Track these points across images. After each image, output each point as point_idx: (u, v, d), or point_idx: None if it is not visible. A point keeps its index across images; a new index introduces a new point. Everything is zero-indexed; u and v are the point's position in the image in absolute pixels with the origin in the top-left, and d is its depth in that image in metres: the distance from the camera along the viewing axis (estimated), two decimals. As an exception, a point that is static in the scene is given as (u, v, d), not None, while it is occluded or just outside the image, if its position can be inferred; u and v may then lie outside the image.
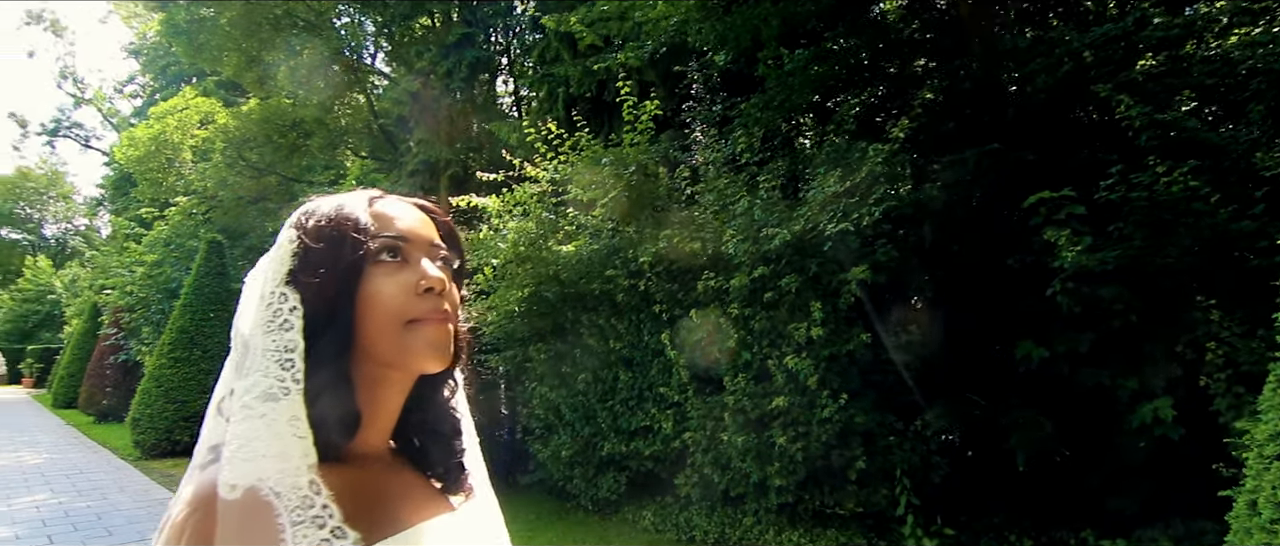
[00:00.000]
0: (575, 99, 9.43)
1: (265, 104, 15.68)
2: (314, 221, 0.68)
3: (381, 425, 0.73)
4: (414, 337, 0.68)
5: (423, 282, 0.69)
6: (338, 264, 0.66)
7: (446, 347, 0.70)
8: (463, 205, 5.63)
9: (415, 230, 0.72)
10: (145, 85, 23.45)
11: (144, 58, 22.81)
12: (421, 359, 0.69)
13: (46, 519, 6.74)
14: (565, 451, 5.83)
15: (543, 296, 5.78)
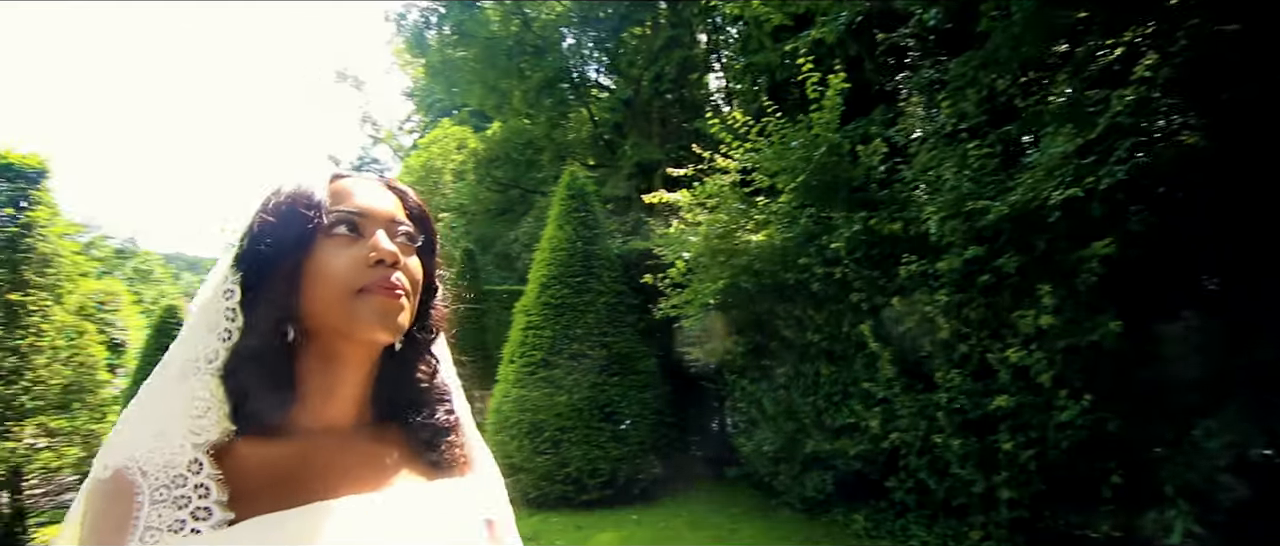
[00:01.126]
0: (778, 86, 9.18)
1: (506, 126, 17.66)
2: (271, 198, 0.71)
3: (341, 399, 0.73)
4: (361, 307, 0.68)
5: (373, 254, 0.69)
6: (285, 237, 0.68)
7: (394, 318, 0.70)
8: (655, 202, 5.79)
9: (372, 206, 0.73)
10: (418, 121, 27.71)
11: (416, 98, 26.94)
12: (369, 328, 0.69)
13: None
14: (767, 446, 5.70)
15: (738, 288, 5.70)
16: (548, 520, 5.96)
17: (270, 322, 0.68)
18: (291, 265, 0.68)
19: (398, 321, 0.71)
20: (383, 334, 0.70)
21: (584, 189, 7.49)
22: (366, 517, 0.68)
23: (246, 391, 0.67)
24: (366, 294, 0.69)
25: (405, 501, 0.72)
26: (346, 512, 0.66)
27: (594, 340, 6.72)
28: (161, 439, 0.62)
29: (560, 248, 7.13)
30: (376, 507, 0.69)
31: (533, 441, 6.41)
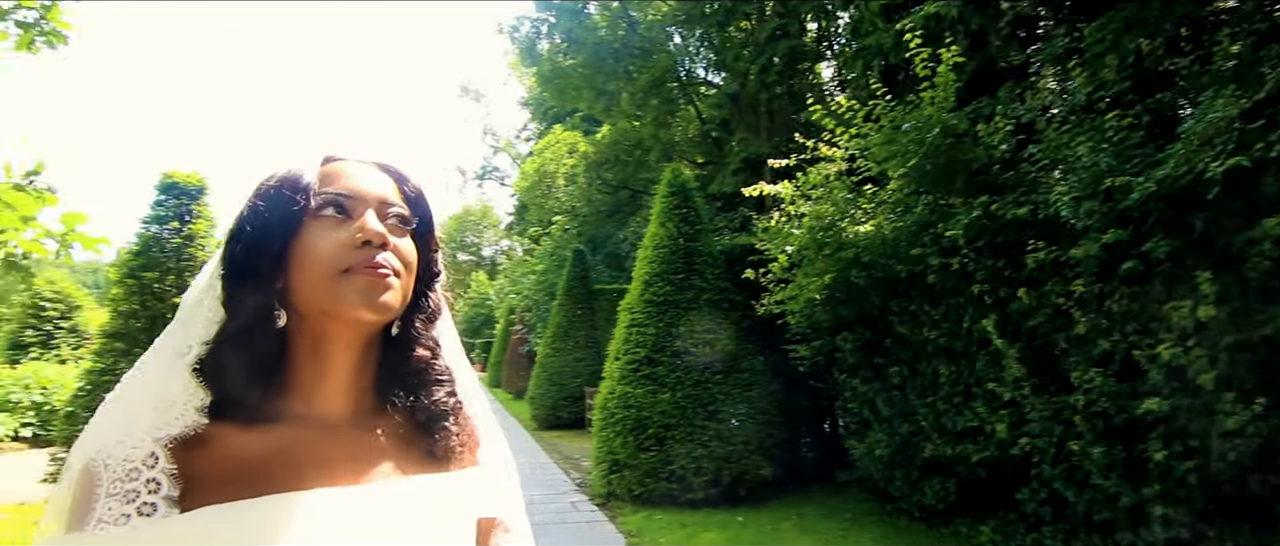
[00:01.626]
0: (891, 69, 8.70)
1: (614, 129, 17.97)
2: (262, 183, 0.72)
3: (334, 385, 0.72)
4: (346, 287, 0.67)
5: (360, 235, 0.68)
6: (272, 220, 0.68)
7: (378, 297, 0.68)
8: (754, 194, 5.62)
9: (362, 188, 0.72)
10: (534, 129, 28.83)
11: (531, 107, 28.02)
12: (352, 308, 0.67)
13: (469, 471, 8.76)
14: (880, 450, 5.38)
15: (847, 282, 5.42)
16: (652, 517, 5.96)
17: (257, 306, 0.68)
18: (279, 247, 0.68)
19: (383, 301, 0.69)
20: (367, 313, 0.68)
21: (686, 186, 7.43)
22: (329, 512, 0.65)
23: (230, 380, 0.66)
24: (351, 274, 0.67)
25: (380, 496, 0.69)
26: (306, 506, 0.64)
27: (697, 337, 6.65)
28: (126, 432, 0.63)
29: (662, 245, 7.12)
30: (342, 502, 0.66)
31: (636, 438, 6.43)
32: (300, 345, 0.71)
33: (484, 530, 0.79)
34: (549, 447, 10.60)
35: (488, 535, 0.79)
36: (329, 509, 0.65)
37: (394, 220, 0.73)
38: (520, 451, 10.26)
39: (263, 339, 0.68)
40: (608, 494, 6.74)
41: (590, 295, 13.50)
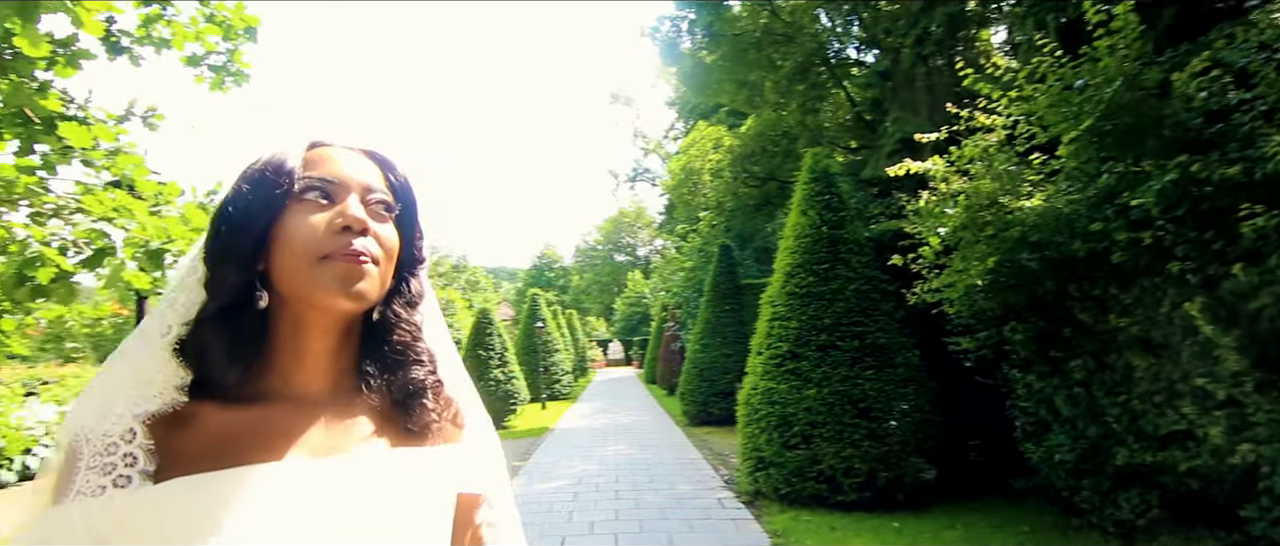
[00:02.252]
0: (1068, 26, 7.66)
1: (759, 119, 17.59)
2: (247, 167, 0.73)
3: (312, 366, 0.73)
4: (324, 272, 0.68)
5: (339, 220, 0.69)
6: (255, 202, 0.69)
7: (354, 284, 0.68)
8: (900, 173, 5.15)
9: (346, 174, 0.72)
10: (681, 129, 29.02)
11: (677, 106, 28.22)
12: (329, 294, 0.68)
13: (619, 463, 8.99)
14: (1062, 455, 4.72)
15: (1014, 265, 4.83)
16: (799, 518, 5.72)
17: (237, 287, 0.69)
18: (261, 230, 0.69)
19: (358, 289, 0.69)
20: (344, 300, 0.69)
21: (828, 171, 7.06)
22: (299, 481, 0.66)
23: (209, 359, 0.68)
24: (330, 260, 0.68)
25: (352, 466, 0.69)
26: (276, 476, 0.65)
27: (844, 330, 6.28)
28: (106, 409, 0.66)
29: (804, 234, 6.82)
30: (313, 472, 0.67)
31: (782, 435, 6.21)
32: (280, 327, 0.72)
33: (466, 506, 0.77)
34: (699, 443, 10.59)
35: (470, 512, 0.78)
36: (299, 478, 0.66)
37: (377, 206, 0.73)
38: (670, 446, 10.36)
39: (243, 320, 0.69)
40: (754, 492, 6.58)
41: (738, 290, 13.32)
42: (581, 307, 53.34)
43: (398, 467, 0.72)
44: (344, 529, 0.66)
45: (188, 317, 0.70)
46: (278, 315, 0.72)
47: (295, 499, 0.65)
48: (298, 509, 0.64)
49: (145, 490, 0.62)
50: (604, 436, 11.90)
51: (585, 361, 33.30)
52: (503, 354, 14.18)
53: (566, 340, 25.42)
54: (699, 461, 8.99)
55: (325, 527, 0.65)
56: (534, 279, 54.42)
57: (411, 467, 0.73)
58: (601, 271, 54.78)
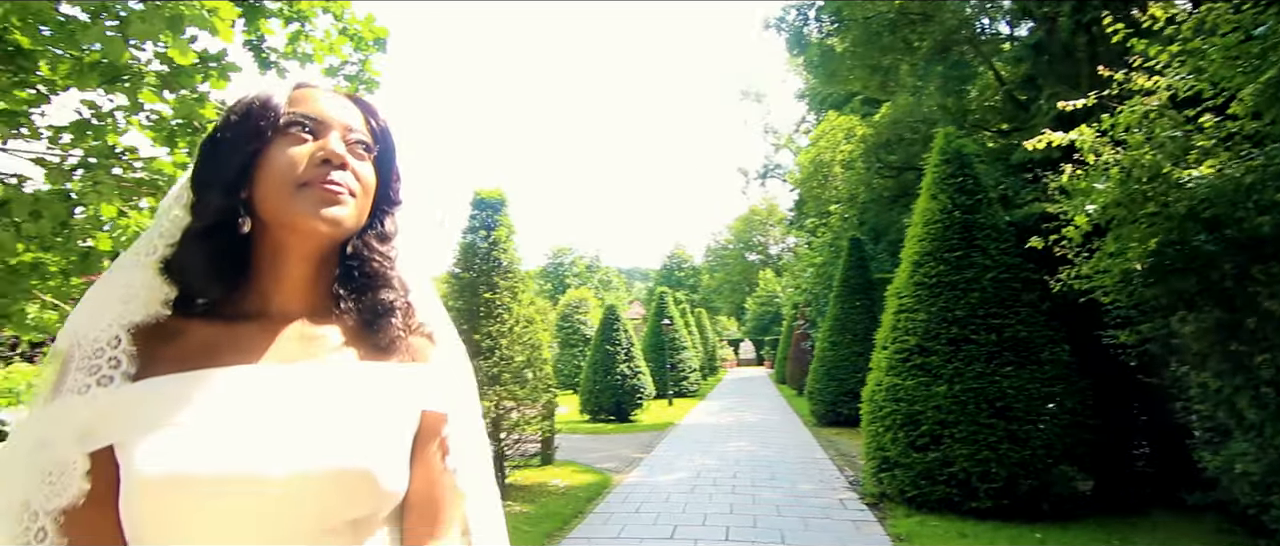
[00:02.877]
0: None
1: (895, 105, 16.63)
2: (236, 101, 0.78)
3: (290, 289, 0.78)
4: (303, 198, 0.73)
5: (320, 153, 0.74)
6: (242, 132, 0.74)
7: (330, 210, 0.73)
8: (1041, 147, 4.59)
9: (329, 114, 0.77)
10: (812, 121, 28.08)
11: (807, 98, 27.36)
12: (307, 218, 0.73)
13: (740, 460, 8.84)
14: (1246, 465, 4.02)
15: (1183, 245, 4.19)
16: (925, 523, 5.31)
17: (220, 209, 0.74)
18: (245, 158, 0.74)
19: (334, 214, 0.74)
20: (320, 224, 0.73)
21: (961, 152, 6.52)
22: (268, 383, 0.71)
23: (191, 276, 0.74)
24: (309, 187, 0.73)
25: (321, 373, 0.74)
26: (246, 376, 0.71)
27: (979, 323, 5.77)
28: (96, 319, 0.73)
29: (934, 220, 6.35)
30: (280, 375, 0.72)
31: (908, 435, 5.81)
32: (261, 253, 0.77)
33: (430, 423, 0.79)
34: (825, 444, 10.19)
35: (435, 429, 0.80)
36: (268, 379, 0.71)
37: (357, 145, 0.78)
38: (794, 445, 10.05)
39: (225, 241, 0.75)
40: (880, 494, 6.21)
41: (869, 285, 12.67)
42: (711, 307, 53.16)
43: (364, 377, 0.76)
44: (308, 428, 0.70)
45: (173, 239, 0.76)
46: (259, 241, 0.77)
47: (263, 397, 0.70)
48: (265, 406, 0.70)
49: (125, 388, 0.69)
50: (728, 433, 11.78)
51: (715, 360, 33.13)
52: (629, 349, 14.44)
53: (694, 338, 25.44)
54: (823, 461, 8.64)
55: (290, 426, 0.69)
56: (664, 278, 54.95)
57: (377, 378, 0.77)
58: (732, 271, 54.27)
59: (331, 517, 0.68)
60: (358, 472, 0.69)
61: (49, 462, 0.67)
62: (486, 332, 6.91)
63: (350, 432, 0.71)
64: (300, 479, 0.67)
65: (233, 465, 0.66)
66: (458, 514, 0.79)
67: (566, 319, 23.97)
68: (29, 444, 0.68)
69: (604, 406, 14.06)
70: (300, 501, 0.66)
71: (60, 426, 0.68)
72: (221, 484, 0.64)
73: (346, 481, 0.69)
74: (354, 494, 0.69)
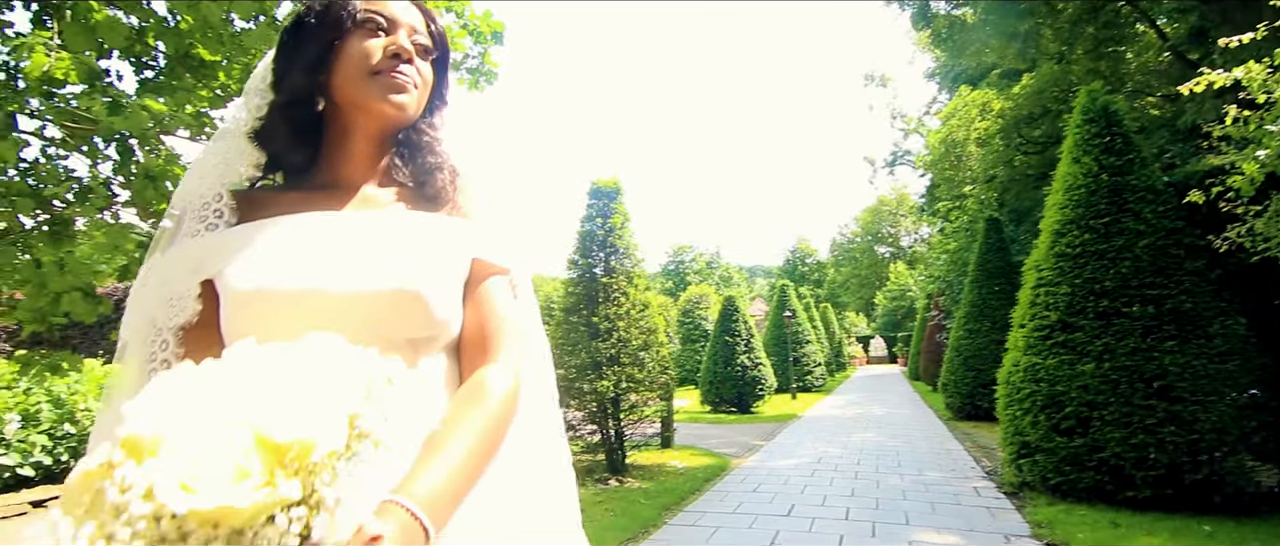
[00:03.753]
0: None
1: (1037, 74, 15.29)
2: None
3: (356, 162, 0.93)
4: (374, 84, 0.87)
5: (392, 47, 0.87)
6: (324, 22, 0.88)
7: (398, 97, 0.87)
8: (1197, 89, 4.01)
9: (398, 15, 0.90)
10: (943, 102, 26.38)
11: (938, 77, 25.78)
12: (378, 102, 0.87)
13: (864, 448, 8.52)
14: None
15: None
16: (1072, 511, 4.88)
17: (300, 87, 0.89)
18: (324, 45, 0.88)
19: (401, 101, 0.87)
20: (388, 108, 0.87)
21: (1108, 108, 5.91)
22: (338, 224, 0.85)
23: (275, 143, 0.91)
24: (380, 75, 0.87)
25: (381, 218, 0.88)
26: (320, 219, 0.85)
27: (1132, 293, 5.21)
28: (201, 183, 0.91)
29: (1077, 185, 5.81)
30: (350, 219, 0.86)
31: (1049, 418, 5.36)
32: (333, 130, 0.93)
33: (479, 270, 0.90)
34: (961, 436, 9.59)
35: (484, 275, 0.90)
36: (337, 222, 0.86)
37: (420, 45, 0.91)
38: (925, 436, 9.56)
39: (302, 115, 0.91)
40: (1020, 484, 5.78)
41: (1009, 269, 11.73)
42: (838, 302, 51.24)
43: (416, 222, 0.89)
44: (368, 257, 0.83)
45: (260, 114, 0.92)
46: (331, 119, 0.93)
47: (331, 234, 0.85)
48: (332, 241, 0.84)
49: (225, 231, 0.87)
50: (853, 424, 11.37)
51: (842, 356, 31.93)
52: (749, 340, 14.31)
53: (819, 332, 24.70)
54: (958, 452, 8.14)
55: (353, 255, 0.83)
56: (786, 273, 53.62)
57: (427, 224, 0.89)
58: (860, 265, 52.01)
59: (389, 333, 0.80)
60: (409, 294, 0.81)
61: (170, 291, 0.84)
62: (604, 315, 7.16)
63: (403, 262, 0.83)
64: (359, 296, 0.80)
65: (303, 282, 0.79)
66: (510, 348, 0.87)
67: (687, 314, 24.13)
68: (155, 278, 0.86)
69: (725, 397, 14.03)
70: (360, 315, 0.78)
71: (178, 263, 0.85)
72: (295, 297, 0.78)
73: (400, 300, 0.80)
74: (407, 313, 0.81)
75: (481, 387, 0.81)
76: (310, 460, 0.51)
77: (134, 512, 0.46)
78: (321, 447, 0.51)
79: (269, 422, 0.50)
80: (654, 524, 5.05)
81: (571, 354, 7.19)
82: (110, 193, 3.16)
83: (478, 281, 0.89)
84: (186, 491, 0.46)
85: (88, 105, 2.42)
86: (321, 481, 0.52)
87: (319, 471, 0.51)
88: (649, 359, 7.38)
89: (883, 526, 4.81)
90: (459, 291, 0.88)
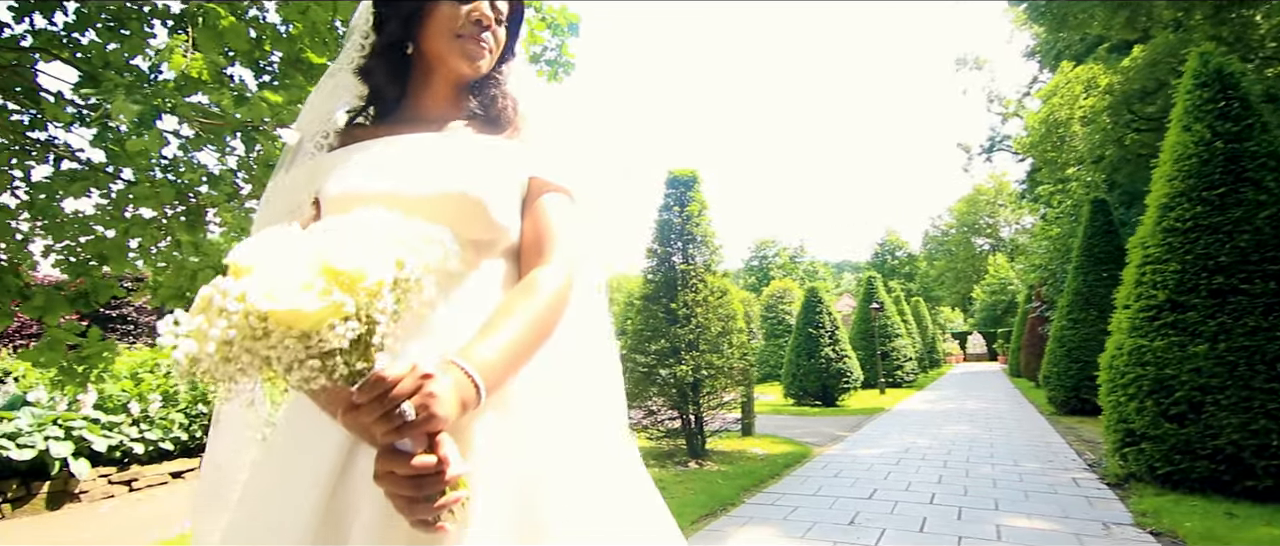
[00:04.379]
0: None
1: (1150, 45, 14.18)
2: None
3: (434, 102, 1.10)
4: (457, 45, 1.04)
5: (474, 13, 1.03)
6: None
7: (476, 60, 1.05)
8: None
9: None
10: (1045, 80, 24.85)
11: (1038, 55, 24.31)
12: (458, 62, 1.04)
13: (955, 440, 8.22)
14: None
15: None
16: (1181, 501, 4.56)
17: (395, 34, 1.06)
18: (416, 6, 1.04)
19: (478, 63, 1.05)
20: (466, 67, 1.04)
21: (1223, 71, 5.47)
22: (417, 143, 1.02)
23: (374, 79, 1.08)
24: (463, 39, 1.03)
25: (452, 138, 1.05)
26: (404, 140, 1.03)
27: (1251, 269, 4.82)
28: (314, 115, 1.10)
29: (1188, 155, 5.42)
30: (428, 139, 1.03)
31: (1157, 403, 5.03)
32: (417, 72, 1.10)
33: (536, 187, 1.05)
34: (1064, 430, 9.07)
35: (540, 191, 1.04)
36: (417, 141, 1.03)
37: (498, 11, 1.07)
38: (1022, 430, 9.13)
39: (397, 57, 1.08)
40: (1126, 475, 5.44)
41: (1118, 253, 10.92)
42: (932, 297, 49.01)
43: (480, 142, 1.06)
44: (438, 167, 0.98)
45: (364, 53, 1.10)
46: (417, 64, 1.09)
47: (409, 150, 1.01)
48: (410, 155, 1.00)
49: (331, 153, 1.06)
50: (944, 418, 10.96)
51: (935, 353, 30.58)
52: (833, 333, 14.02)
53: (909, 327, 23.80)
54: (1058, 445, 7.73)
55: (426, 165, 0.98)
56: (875, 268, 51.76)
57: (490, 144, 1.05)
58: (955, 258, 49.53)
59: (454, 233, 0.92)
60: (471, 199, 0.95)
61: (292, 201, 1.05)
62: (683, 301, 7.26)
63: (468, 172, 0.97)
64: (427, 198, 0.94)
65: (382, 186, 0.95)
66: (562, 252, 0.99)
67: (770, 309, 23.84)
68: (280, 191, 1.07)
69: (808, 390, 13.81)
70: (427, 215, 0.89)
71: (298, 179, 1.06)
72: (375, 198, 0.91)
73: (463, 204, 0.95)
74: (469, 216, 0.95)
75: (534, 283, 0.93)
76: (364, 283, 0.65)
77: (230, 309, 0.62)
78: (372, 276, 0.66)
79: (332, 255, 0.66)
80: (733, 502, 5.12)
81: (651, 340, 7.34)
82: (235, 183, 3.57)
83: (535, 196, 1.03)
84: (269, 298, 0.62)
85: (217, 99, 2.76)
86: (376, 307, 0.66)
87: (373, 296, 0.66)
88: (727, 345, 7.43)
89: (970, 511, 4.67)
90: (516, 202, 1.01)
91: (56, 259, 3.68)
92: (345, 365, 0.65)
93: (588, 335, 1.07)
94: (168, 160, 3.65)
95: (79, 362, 3.91)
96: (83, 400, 7.03)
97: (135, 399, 7.54)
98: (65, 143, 3.70)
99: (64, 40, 3.31)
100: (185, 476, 7.77)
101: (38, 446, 6.14)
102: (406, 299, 0.69)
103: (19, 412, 6.50)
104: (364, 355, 0.67)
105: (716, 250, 7.80)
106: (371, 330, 0.66)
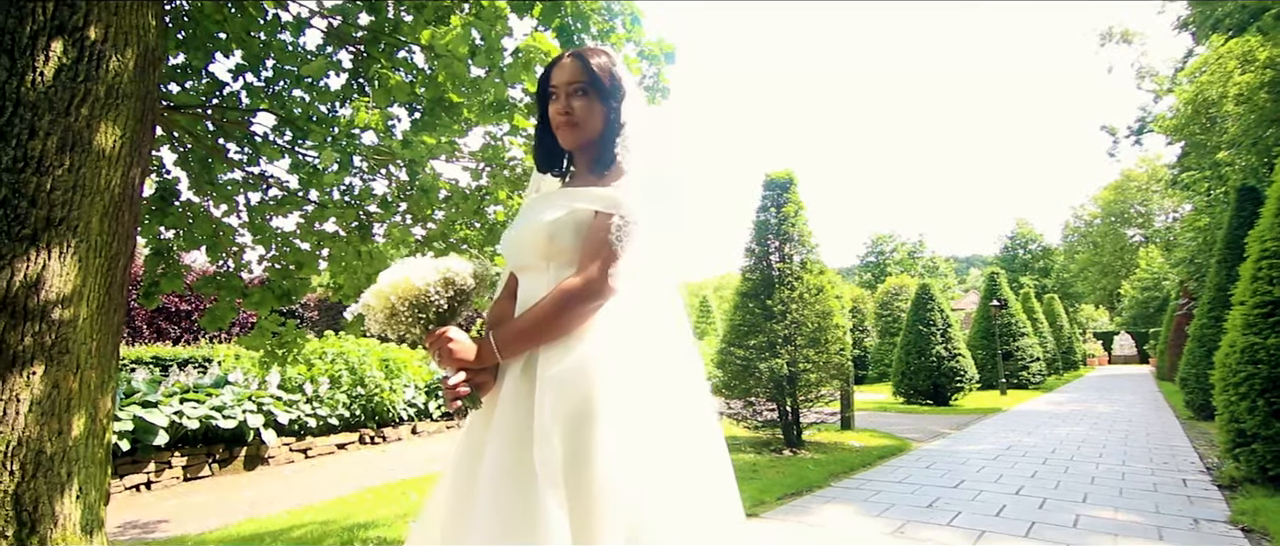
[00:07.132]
0: None
1: (1321, 13, 12.75)
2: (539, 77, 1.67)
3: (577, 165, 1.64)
4: (556, 134, 1.58)
5: (556, 110, 1.56)
6: (540, 94, 1.62)
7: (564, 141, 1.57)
8: None
9: (560, 80, 1.57)
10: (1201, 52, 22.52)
11: (1192, 26, 22.09)
12: (561, 141, 1.58)
13: (1066, 439, 8.03)
14: None
15: None
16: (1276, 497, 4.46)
17: (541, 127, 1.64)
18: (543, 106, 1.62)
19: (565, 142, 1.57)
20: (566, 144, 1.58)
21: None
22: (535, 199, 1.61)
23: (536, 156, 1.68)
24: (559, 128, 1.56)
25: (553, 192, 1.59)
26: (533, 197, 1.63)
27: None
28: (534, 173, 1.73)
29: (1310, 145, 5.16)
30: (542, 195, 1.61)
31: (1269, 403, 4.89)
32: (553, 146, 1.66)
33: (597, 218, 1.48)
34: (1196, 435, 8.55)
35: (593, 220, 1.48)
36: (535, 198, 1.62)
37: (576, 90, 1.55)
38: (1147, 433, 8.72)
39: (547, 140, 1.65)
40: (1241, 478, 5.28)
41: (1269, 246, 10.05)
42: (1071, 294, 45.18)
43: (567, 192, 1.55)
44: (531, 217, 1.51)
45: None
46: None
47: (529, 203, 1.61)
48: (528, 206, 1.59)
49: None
50: (1064, 419, 10.53)
51: (1073, 354, 28.39)
52: (946, 330, 13.72)
53: (1039, 326, 22.38)
54: (1182, 449, 7.37)
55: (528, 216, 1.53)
56: (1004, 262, 48.25)
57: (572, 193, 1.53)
58: (1100, 250, 45.31)
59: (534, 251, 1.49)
60: (533, 231, 1.48)
61: None
62: (779, 298, 7.65)
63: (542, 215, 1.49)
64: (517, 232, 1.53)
65: (514, 227, 1.57)
66: (585, 265, 1.44)
67: (885, 306, 23.30)
68: None
69: (918, 388, 13.61)
70: (522, 241, 1.51)
71: None
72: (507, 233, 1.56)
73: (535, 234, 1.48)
74: (534, 242, 1.48)
75: (555, 288, 1.43)
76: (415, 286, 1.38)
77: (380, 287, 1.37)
78: (418, 283, 1.38)
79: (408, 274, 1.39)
80: (818, 484, 5.50)
81: (749, 335, 7.78)
82: (399, 204, 4.47)
83: (588, 224, 1.48)
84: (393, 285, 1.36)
85: (388, 142, 3.59)
86: (428, 297, 1.39)
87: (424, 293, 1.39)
88: (825, 340, 7.73)
89: (1054, 502, 4.79)
90: (573, 231, 1.47)
91: (266, 266, 4.75)
92: (425, 325, 1.40)
93: (649, 320, 1.48)
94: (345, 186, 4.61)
95: (280, 347, 4.99)
96: (269, 381, 8.49)
97: (309, 381, 8.97)
98: (273, 174, 4.75)
99: (264, 93, 4.30)
100: (347, 447, 9.14)
101: (238, 418, 7.56)
102: (444, 294, 1.42)
103: (223, 390, 7.98)
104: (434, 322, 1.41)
105: (812, 248, 8.10)
106: (428, 308, 1.40)
